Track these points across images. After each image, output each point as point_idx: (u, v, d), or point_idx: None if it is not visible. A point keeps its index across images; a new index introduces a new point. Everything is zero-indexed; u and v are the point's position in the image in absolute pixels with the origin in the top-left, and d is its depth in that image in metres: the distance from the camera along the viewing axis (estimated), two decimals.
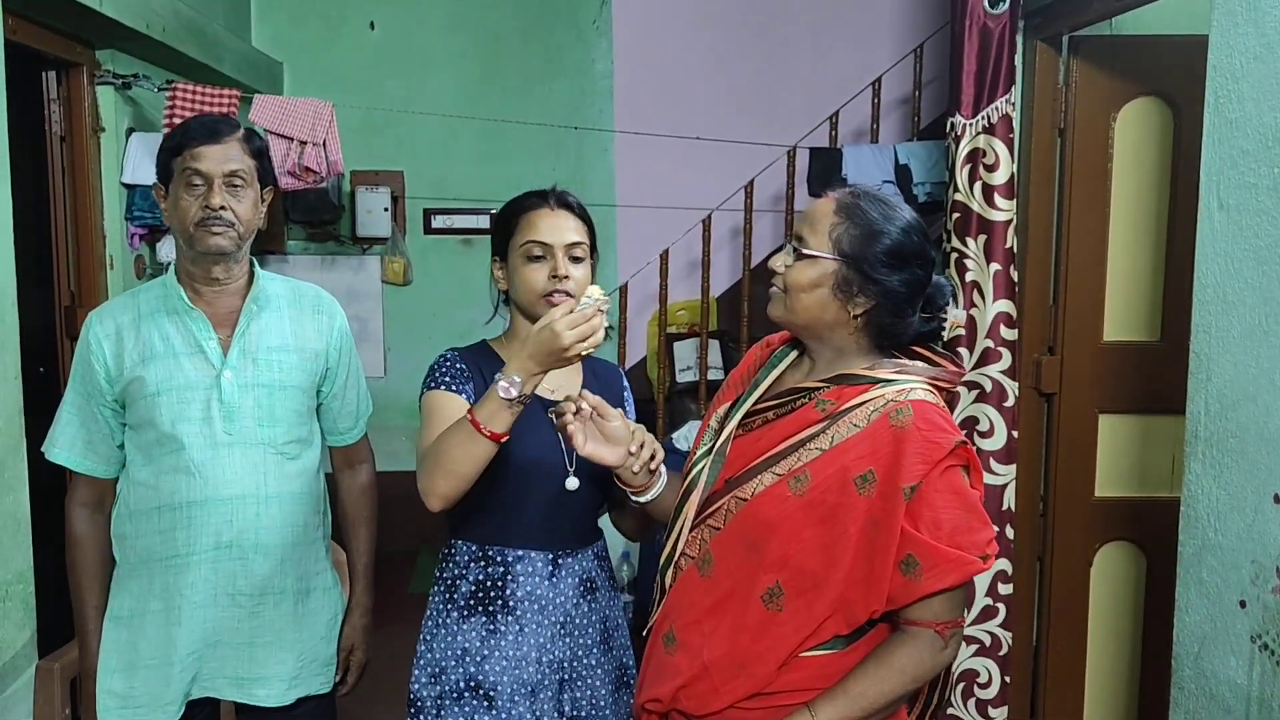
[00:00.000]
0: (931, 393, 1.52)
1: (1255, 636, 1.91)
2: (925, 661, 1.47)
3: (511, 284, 1.84)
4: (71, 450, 1.91)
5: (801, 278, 1.52)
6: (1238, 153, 1.96)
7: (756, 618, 1.50)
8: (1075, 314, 3.14)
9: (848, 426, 1.48)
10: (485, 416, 1.59)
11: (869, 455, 1.45)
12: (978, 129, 2.95)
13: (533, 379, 1.59)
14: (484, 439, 1.60)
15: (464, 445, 1.61)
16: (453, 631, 1.82)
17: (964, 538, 1.44)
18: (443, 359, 1.85)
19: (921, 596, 1.44)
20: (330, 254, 4.91)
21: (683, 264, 4.70)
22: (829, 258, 1.51)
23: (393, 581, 4.17)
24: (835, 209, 1.53)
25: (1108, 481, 3.18)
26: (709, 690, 1.52)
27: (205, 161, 1.82)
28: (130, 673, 1.89)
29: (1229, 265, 1.99)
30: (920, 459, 1.43)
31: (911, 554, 1.43)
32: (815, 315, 1.53)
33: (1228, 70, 1.99)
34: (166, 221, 1.92)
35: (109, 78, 3.23)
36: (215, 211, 1.82)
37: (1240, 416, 1.95)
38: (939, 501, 1.44)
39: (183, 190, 1.83)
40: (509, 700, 1.78)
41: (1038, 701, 3.27)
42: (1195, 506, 2.08)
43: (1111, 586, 3.21)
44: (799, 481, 1.49)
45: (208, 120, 1.91)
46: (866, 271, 1.50)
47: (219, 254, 1.85)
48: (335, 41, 4.85)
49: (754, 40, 4.94)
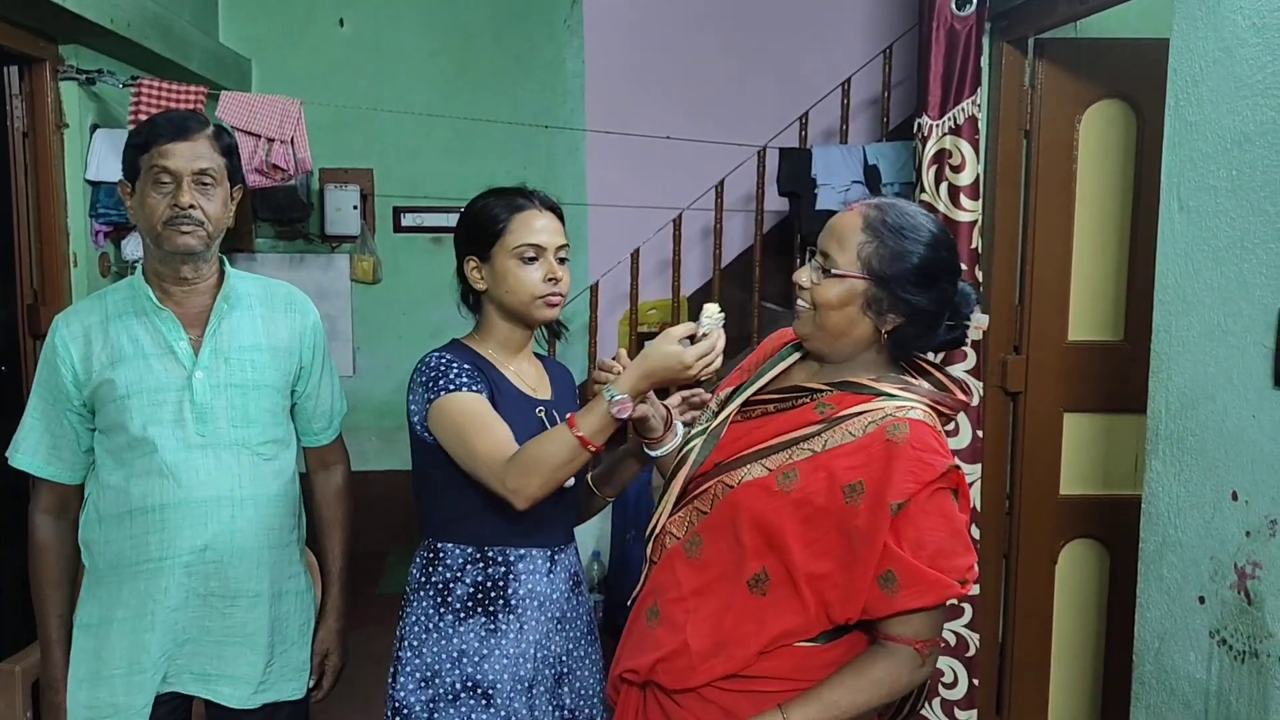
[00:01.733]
0: (930, 415, 1.52)
1: (1214, 632, 1.94)
2: (902, 677, 1.49)
3: (498, 284, 1.82)
4: (35, 455, 1.88)
5: (830, 295, 1.51)
6: (1197, 155, 1.99)
7: (742, 601, 1.52)
8: (1041, 314, 3.17)
9: (843, 434, 1.49)
10: (592, 433, 1.62)
11: (861, 466, 1.46)
12: (944, 130, 2.97)
13: (641, 399, 1.65)
14: (587, 452, 1.63)
15: (569, 458, 1.63)
16: (447, 635, 1.80)
17: (945, 561, 1.45)
18: (443, 362, 1.79)
19: (895, 612, 1.45)
20: (299, 252, 4.87)
21: (654, 263, 4.71)
22: (858, 277, 1.50)
23: (363, 583, 4.15)
24: (863, 225, 1.51)
25: (1072, 480, 3.21)
26: (687, 667, 1.53)
27: (174, 159, 1.79)
28: (95, 682, 1.85)
29: (1189, 266, 2.01)
30: (911, 477, 1.44)
31: (891, 570, 1.44)
32: (845, 332, 1.53)
33: (1187, 73, 2.02)
34: (132, 220, 1.87)
35: (73, 73, 3.19)
36: (184, 210, 1.78)
37: (1200, 415, 1.98)
38: (925, 522, 1.45)
39: (150, 188, 1.80)
40: (507, 698, 1.78)
41: (1004, 697, 3.31)
42: (1156, 504, 2.11)
43: (1076, 584, 3.24)
44: (787, 478, 1.50)
45: (176, 116, 1.87)
46: (896, 291, 1.49)
47: (187, 253, 1.82)
48: (304, 38, 4.81)
49: (725, 40, 4.95)
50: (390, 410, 4.73)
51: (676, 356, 1.58)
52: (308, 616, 2.02)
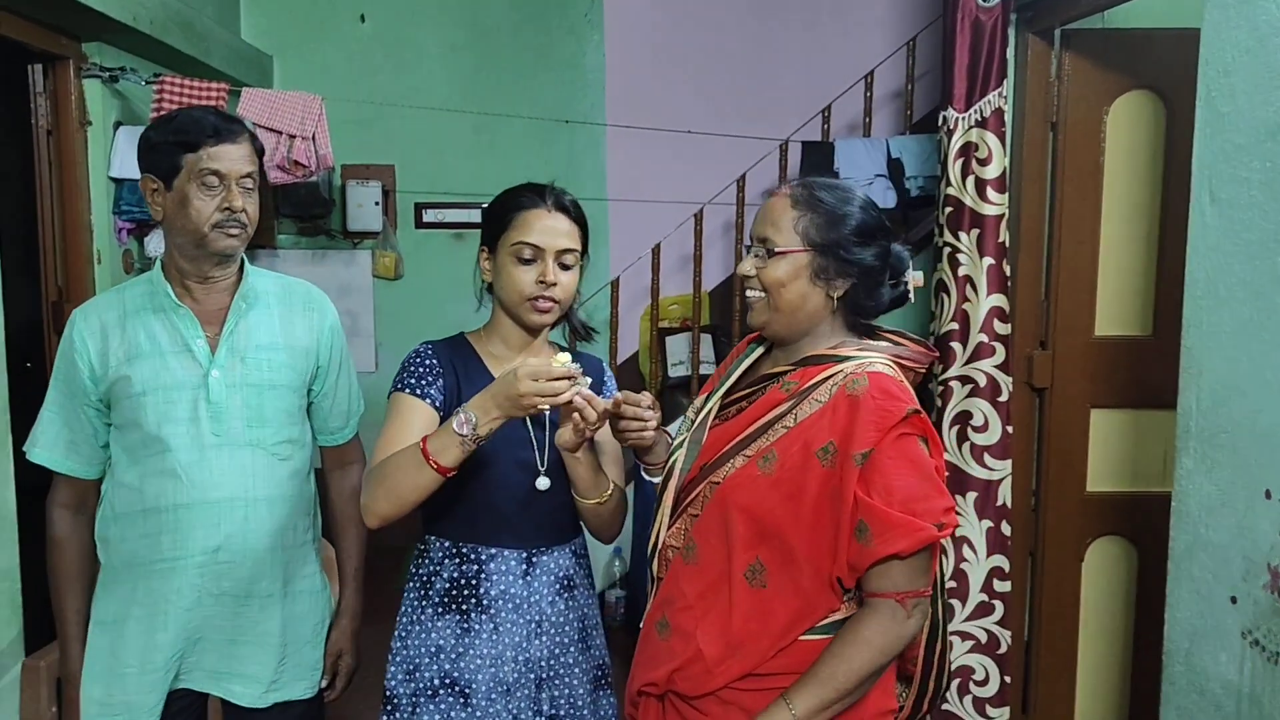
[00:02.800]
0: (891, 367, 1.56)
1: (1246, 632, 1.90)
2: (890, 631, 1.48)
3: (497, 280, 1.81)
4: (53, 450, 1.88)
5: (779, 274, 1.57)
6: (1230, 147, 1.95)
7: (743, 596, 1.53)
8: (1067, 309, 3.13)
9: (811, 403, 1.53)
10: (436, 448, 1.61)
11: (829, 428, 1.49)
12: (970, 123, 2.94)
13: (491, 421, 1.60)
14: (430, 470, 1.61)
15: (410, 472, 1.63)
16: (427, 628, 1.80)
17: (918, 505, 1.46)
18: (415, 355, 1.82)
19: (874, 562, 1.46)
20: (321, 248, 4.88)
21: (675, 258, 4.68)
22: (801, 250, 1.56)
23: (382, 578, 4.15)
24: (792, 204, 1.58)
25: (1099, 476, 3.18)
26: (703, 672, 1.54)
27: (224, 162, 1.78)
28: (109, 678, 1.86)
29: (1220, 260, 1.98)
30: (872, 426, 1.46)
31: (863, 520, 1.46)
32: (799, 306, 1.58)
33: (1219, 64, 1.98)
34: (156, 216, 1.84)
35: (96, 71, 3.20)
36: (235, 214, 1.78)
37: (1232, 412, 1.95)
38: (890, 468, 1.46)
39: (198, 189, 1.77)
40: (485, 699, 1.76)
41: (1029, 696, 3.27)
42: (1186, 502, 2.07)
43: (1103, 582, 3.20)
44: (767, 461, 1.53)
45: (220, 117, 1.83)
46: (840, 254, 1.56)
47: (228, 255, 1.83)
48: (326, 35, 4.82)
49: (746, 33, 4.91)
50: None
51: (514, 378, 1.58)
52: (322, 616, 2.02)
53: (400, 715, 1.80)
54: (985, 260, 2.95)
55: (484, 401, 1.60)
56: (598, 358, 2.04)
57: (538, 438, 1.79)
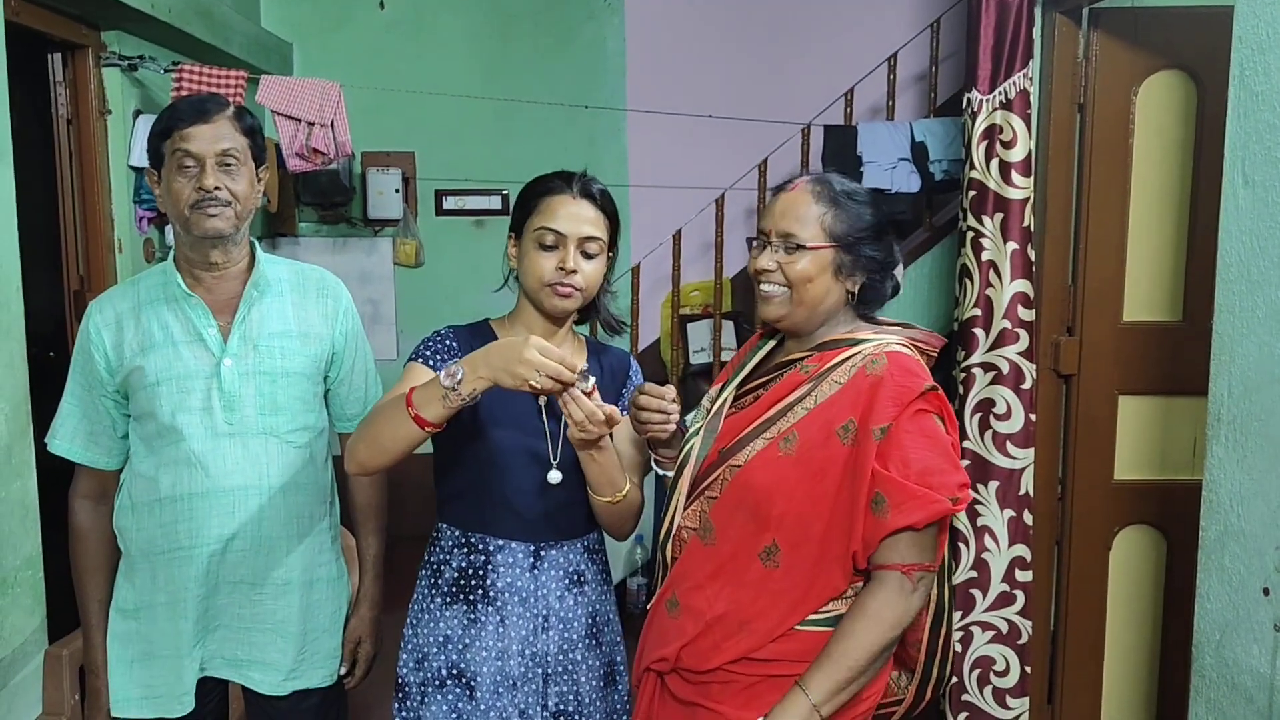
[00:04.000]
0: (908, 347, 1.59)
1: (1278, 624, 1.87)
2: (896, 604, 1.50)
3: (520, 266, 1.80)
4: (73, 442, 1.89)
5: (807, 269, 1.60)
6: (1264, 127, 1.90)
7: (755, 575, 1.56)
8: (1095, 294, 3.08)
9: (830, 384, 1.56)
10: (420, 399, 1.55)
11: (849, 406, 1.53)
12: (995, 105, 2.89)
13: (476, 380, 1.53)
14: (410, 421, 1.55)
15: (392, 420, 1.59)
16: (435, 618, 1.79)
17: (934, 478, 1.49)
18: (436, 334, 1.81)
19: (889, 533, 1.48)
20: (342, 236, 4.89)
21: (696, 244, 4.66)
22: (828, 246, 1.60)
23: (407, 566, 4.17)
24: (814, 199, 1.61)
25: (1127, 464, 3.13)
26: (710, 647, 1.57)
27: (195, 142, 1.78)
28: (148, 662, 1.87)
29: (1254, 243, 1.93)
30: (891, 401, 1.50)
31: (879, 492, 1.48)
32: (820, 300, 1.62)
33: (1254, 42, 1.93)
34: (161, 207, 1.87)
35: (115, 60, 3.21)
36: (210, 192, 1.77)
37: (1265, 399, 1.90)
38: (908, 441, 1.50)
39: (175, 173, 1.79)
40: (491, 692, 1.75)
41: (1055, 687, 3.24)
42: (1217, 491, 2.03)
43: (1131, 571, 3.16)
44: (788, 442, 1.55)
45: (194, 100, 1.85)
46: (857, 251, 1.61)
47: (216, 237, 1.81)
48: (345, 21, 4.81)
49: (767, 16, 4.87)
50: None
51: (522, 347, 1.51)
52: (340, 604, 2.02)
53: (410, 704, 1.80)
54: (1009, 245, 2.90)
55: (476, 359, 1.54)
56: (625, 351, 2.01)
57: (552, 429, 1.77)
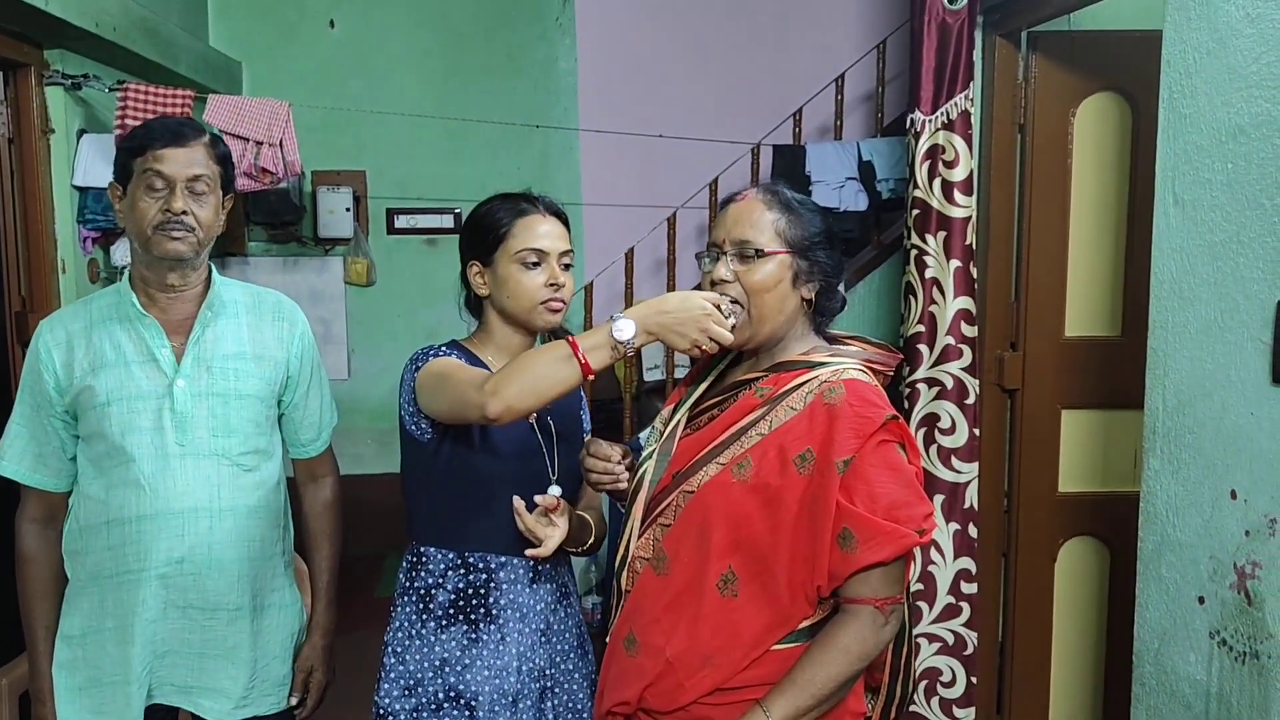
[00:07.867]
0: (865, 373, 1.56)
1: (1214, 632, 1.91)
2: (868, 639, 1.48)
3: (500, 289, 1.79)
4: (21, 463, 1.85)
5: (766, 277, 1.54)
6: (1192, 148, 1.96)
7: (713, 607, 1.51)
8: (1037, 310, 3.14)
9: (785, 410, 1.52)
10: (589, 346, 1.53)
11: (806, 435, 1.49)
12: (937, 125, 2.95)
13: (645, 336, 1.53)
14: (578, 365, 1.53)
15: (554, 366, 1.54)
16: (429, 642, 1.77)
17: (901, 511, 1.46)
18: (432, 347, 1.79)
19: (859, 569, 1.45)
20: (292, 255, 4.84)
21: (649, 262, 4.68)
22: (785, 251, 1.55)
23: (360, 586, 4.12)
24: (766, 206, 1.58)
25: (1071, 477, 3.19)
26: (675, 686, 1.52)
27: (168, 164, 1.76)
28: (96, 689, 1.83)
29: (1185, 261, 1.99)
30: (853, 433, 1.46)
31: (847, 527, 1.45)
32: (779, 310, 1.57)
33: (1181, 66, 1.99)
34: (121, 223, 1.84)
35: (58, 78, 3.16)
36: (176, 216, 1.76)
37: (1197, 412, 1.95)
38: (873, 475, 1.46)
39: (142, 192, 1.77)
40: (490, 710, 1.75)
41: (1004, 697, 3.28)
42: (1154, 502, 2.08)
43: (1076, 582, 3.22)
44: (742, 468, 1.51)
45: (172, 122, 1.85)
46: (812, 257, 1.57)
47: (176, 259, 1.80)
48: (294, 40, 4.78)
49: (717, 37, 4.92)
50: (385, 413, 4.69)
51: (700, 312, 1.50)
52: (292, 630, 1.99)
53: None
54: (952, 263, 2.96)
55: (645, 315, 1.52)
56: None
57: (547, 445, 1.80)
